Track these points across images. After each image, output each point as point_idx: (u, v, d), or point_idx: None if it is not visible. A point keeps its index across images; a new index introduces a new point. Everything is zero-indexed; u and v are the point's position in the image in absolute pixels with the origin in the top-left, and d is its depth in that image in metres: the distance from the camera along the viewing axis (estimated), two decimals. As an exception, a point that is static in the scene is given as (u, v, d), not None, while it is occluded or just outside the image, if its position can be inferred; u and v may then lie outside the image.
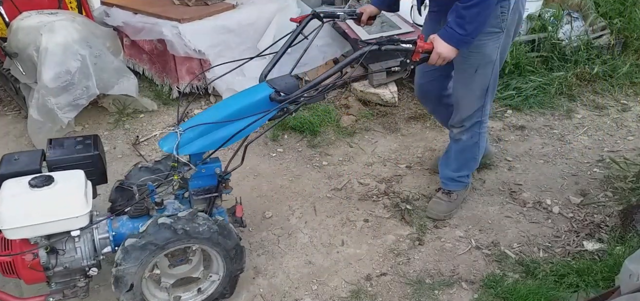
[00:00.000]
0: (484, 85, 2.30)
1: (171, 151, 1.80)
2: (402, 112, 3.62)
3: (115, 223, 1.92)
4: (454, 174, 2.60)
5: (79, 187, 1.78)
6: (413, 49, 1.90)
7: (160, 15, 3.65)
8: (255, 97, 1.91)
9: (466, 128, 2.45)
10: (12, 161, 1.86)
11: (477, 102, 2.36)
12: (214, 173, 2.00)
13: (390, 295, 2.18)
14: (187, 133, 1.83)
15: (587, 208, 2.66)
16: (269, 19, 3.80)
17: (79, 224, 1.74)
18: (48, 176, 1.75)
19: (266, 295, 2.17)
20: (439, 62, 1.98)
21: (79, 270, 1.83)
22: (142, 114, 3.59)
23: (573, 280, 2.15)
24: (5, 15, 3.50)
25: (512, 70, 3.84)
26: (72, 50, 3.11)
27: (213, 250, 1.94)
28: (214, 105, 1.93)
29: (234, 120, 1.84)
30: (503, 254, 2.37)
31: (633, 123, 3.46)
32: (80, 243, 1.81)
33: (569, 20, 4.15)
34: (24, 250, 1.72)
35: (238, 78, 3.66)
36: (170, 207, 1.96)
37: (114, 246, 1.88)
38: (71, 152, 1.94)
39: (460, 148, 2.53)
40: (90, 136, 2.05)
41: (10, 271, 1.76)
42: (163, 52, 3.67)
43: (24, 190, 1.71)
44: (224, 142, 1.82)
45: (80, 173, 1.86)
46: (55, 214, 1.70)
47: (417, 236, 2.49)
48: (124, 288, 1.83)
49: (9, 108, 3.69)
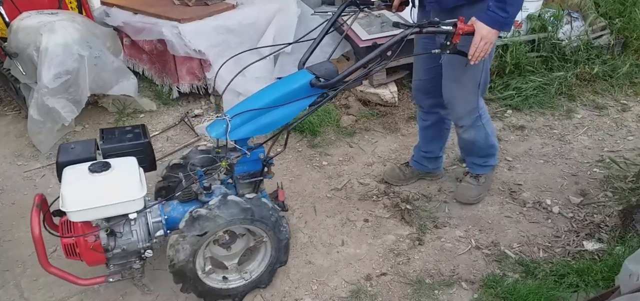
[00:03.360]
0: (476, 79, 2.29)
1: (220, 137, 1.88)
2: (402, 112, 3.62)
3: (167, 207, 1.99)
4: (480, 160, 2.64)
5: (134, 172, 1.87)
6: (453, 31, 1.92)
7: (160, 15, 3.65)
8: (296, 83, 1.96)
9: (468, 126, 2.44)
10: (68, 150, 1.96)
11: (470, 99, 2.34)
12: (258, 158, 2.09)
13: (390, 295, 2.18)
14: (234, 120, 1.89)
15: (587, 208, 2.66)
16: (269, 19, 3.80)
17: (136, 207, 1.83)
18: (106, 162, 1.85)
19: (266, 295, 2.17)
20: (481, 46, 1.99)
21: (135, 252, 1.91)
22: (142, 114, 3.59)
23: (573, 280, 2.15)
24: (5, 15, 3.51)
25: (512, 70, 3.84)
26: (72, 50, 3.11)
27: (267, 237, 2.00)
28: (256, 92, 2.04)
29: (278, 106, 1.91)
30: (503, 254, 2.37)
31: (633, 123, 3.46)
32: (136, 226, 1.89)
33: (569, 20, 4.15)
34: (85, 232, 1.81)
35: (238, 78, 3.65)
36: (217, 191, 2.01)
37: (166, 229, 1.95)
38: (123, 140, 2.04)
39: (472, 143, 2.53)
40: (139, 126, 2.15)
41: (72, 253, 1.85)
42: (163, 52, 3.67)
43: (84, 176, 1.80)
44: (270, 127, 1.92)
45: (133, 160, 1.95)
46: (114, 197, 1.78)
47: (417, 236, 2.49)
48: (183, 254, 1.88)
49: (9, 108, 3.69)
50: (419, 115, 2.74)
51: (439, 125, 2.67)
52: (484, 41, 1.98)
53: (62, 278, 1.89)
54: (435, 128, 2.68)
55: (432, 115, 2.63)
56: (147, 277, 2.24)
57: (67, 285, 2.21)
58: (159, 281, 2.23)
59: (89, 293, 2.18)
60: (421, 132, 2.75)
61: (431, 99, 2.57)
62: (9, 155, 3.16)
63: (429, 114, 2.65)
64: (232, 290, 2.09)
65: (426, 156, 2.78)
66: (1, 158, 3.13)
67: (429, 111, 2.63)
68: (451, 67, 2.29)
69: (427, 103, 2.61)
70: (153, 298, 2.16)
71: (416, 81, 2.60)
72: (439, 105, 2.54)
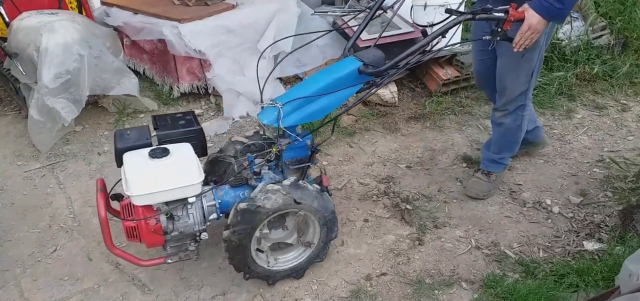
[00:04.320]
0: (530, 69, 2.35)
1: (272, 124, 1.93)
2: (402, 112, 3.62)
3: (219, 191, 2.05)
4: (495, 156, 2.70)
5: (192, 158, 1.94)
6: (505, 18, 1.95)
7: (160, 15, 3.65)
8: (345, 70, 1.98)
9: (509, 112, 2.51)
10: (125, 136, 2.01)
11: (522, 85, 2.41)
12: (306, 145, 2.12)
13: (390, 295, 2.18)
14: (285, 107, 1.93)
15: (587, 208, 2.66)
16: (269, 19, 3.80)
17: (195, 191, 1.89)
18: (165, 148, 1.91)
19: (266, 295, 2.17)
20: (527, 34, 2.02)
21: (191, 234, 1.98)
22: (142, 114, 3.59)
23: (573, 280, 2.15)
24: (5, 15, 3.51)
25: (512, 70, 3.84)
26: (72, 50, 3.11)
27: (314, 217, 2.07)
28: (305, 79, 2.10)
29: (327, 93, 1.95)
30: (503, 254, 2.37)
31: (633, 123, 3.46)
32: (193, 209, 1.95)
33: (569, 20, 4.15)
34: (147, 216, 1.87)
35: (238, 78, 3.67)
36: (266, 176, 2.07)
37: (219, 213, 2.02)
38: (177, 126, 2.09)
39: (503, 132, 2.60)
40: (189, 112, 2.20)
41: (134, 236, 1.90)
42: (163, 52, 3.67)
43: (146, 162, 1.86)
44: (318, 114, 1.97)
45: (189, 146, 2.00)
46: (176, 182, 1.85)
47: (417, 236, 2.49)
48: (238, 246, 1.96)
49: (9, 108, 3.69)
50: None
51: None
52: (531, 30, 2.01)
53: (126, 260, 1.96)
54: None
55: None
56: (147, 277, 2.25)
57: (67, 285, 2.21)
58: (159, 281, 2.23)
59: (89, 293, 2.18)
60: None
61: (490, 88, 2.66)
62: (9, 155, 3.16)
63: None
64: (295, 267, 2.19)
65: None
66: (1, 158, 3.13)
67: (493, 96, 2.70)
68: (508, 59, 2.34)
69: (488, 91, 2.71)
70: (153, 298, 2.16)
71: (475, 71, 2.69)
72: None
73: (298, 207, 1.98)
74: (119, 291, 2.18)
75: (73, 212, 2.67)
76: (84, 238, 2.48)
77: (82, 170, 3.01)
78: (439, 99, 3.69)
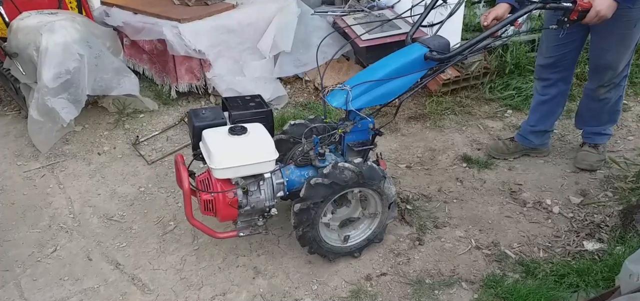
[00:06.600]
0: (636, 38, 2.46)
1: (341, 106, 2.01)
2: (402, 112, 3.61)
3: (286, 171, 2.15)
4: (600, 128, 2.85)
5: (268, 136, 2.05)
6: (572, 8, 2.02)
7: (160, 15, 3.65)
8: (411, 56, 2.05)
9: (616, 84, 2.61)
10: (200, 115, 2.11)
11: (627, 58, 2.52)
12: (368, 128, 2.19)
13: (390, 295, 2.18)
14: (354, 90, 2.00)
15: (587, 208, 2.66)
16: (269, 19, 3.80)
17: (270, 168, 2.02)
18: (243, 126, 2.02)
19: (266, 295, 2.17)
20: (594, 20, 2.09)
21: (261, 210, 2.08)
22: (142, 114, 3.59)
23: (573, 280, 2.15)
24: (5, 15, 3.51)
25: (512, 70, 3.84)
26: (72, 50, 3.11)
27: (377, 196, 2.17)
28: (372, 64, 2.16)
29: (394, 78, 2.02)
30: (503, 254, 2.37)
31: (633, 123, 3.46)
32: (265, 185, 2.05)
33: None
34: (224, 189, 1.97)
35: (238, 78, 3.67)
36: (329, 158, 2.14)
37: (286, 191, 2.11)
38: (248, 107, 2.18)
39: (604, 105, 2.71)
40: (257, 95, 2.30)
41: (209, 209, 2.00)
42: (163, 52, 3.67)
43: (227, 138, 1.98)
44: (385, 98, 2.05)
45: (261, 126, 2.10)
46: (255, 157, 1.96)
47: (417, 236, 2.49)
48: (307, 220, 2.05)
49: (9, 108, 3.69)
50: (537, 90, 2.90)
51: (557, 99, 2.84)
52: (598, 16, 2.07)
53: (203, 231, 2.07)
54: (553, 103, 2.85)
55: (552, 89, 2.80)
56: (147, 277, 2.25)
57: (67, 285, 2.21)
58: (159, 281, 2.23)
59: (89, 293, 2.18)
60: (536, 106, 2.92)
61: (557, 74, 2.75)
62: (9, 155, 3.16)
63: (550, 88, 2.81)
64: (353, 246, 2.28)
65: (534, 130, 2.96)
66: (1, 158, 3.13)
67: (552, 85, 2.79)
68: (614, 35, 2.40)
69: (554, 77, 2.76)
70: (153, 298, 2.16)
71: (546, 59, 2.74)
72: (563, 80, 2.76)
73: (366, 187, 2.09)
74: (119, 291, 2.18)
75: (73, 212, 2.67)
76: (84, 238, 2.48)
77: (82, 170, 3.01)
78: (439, 99, 3.69)
